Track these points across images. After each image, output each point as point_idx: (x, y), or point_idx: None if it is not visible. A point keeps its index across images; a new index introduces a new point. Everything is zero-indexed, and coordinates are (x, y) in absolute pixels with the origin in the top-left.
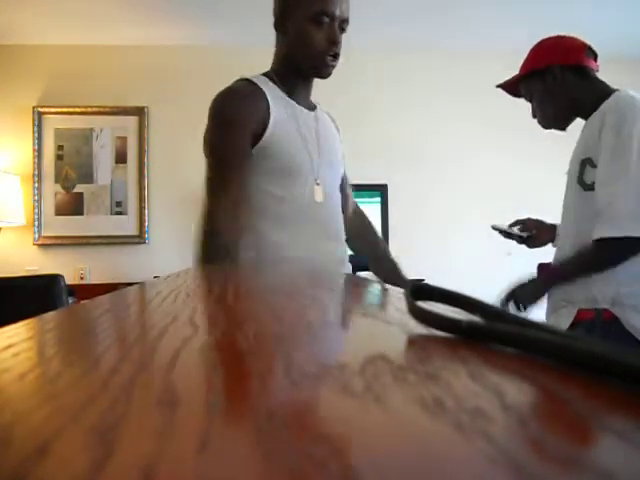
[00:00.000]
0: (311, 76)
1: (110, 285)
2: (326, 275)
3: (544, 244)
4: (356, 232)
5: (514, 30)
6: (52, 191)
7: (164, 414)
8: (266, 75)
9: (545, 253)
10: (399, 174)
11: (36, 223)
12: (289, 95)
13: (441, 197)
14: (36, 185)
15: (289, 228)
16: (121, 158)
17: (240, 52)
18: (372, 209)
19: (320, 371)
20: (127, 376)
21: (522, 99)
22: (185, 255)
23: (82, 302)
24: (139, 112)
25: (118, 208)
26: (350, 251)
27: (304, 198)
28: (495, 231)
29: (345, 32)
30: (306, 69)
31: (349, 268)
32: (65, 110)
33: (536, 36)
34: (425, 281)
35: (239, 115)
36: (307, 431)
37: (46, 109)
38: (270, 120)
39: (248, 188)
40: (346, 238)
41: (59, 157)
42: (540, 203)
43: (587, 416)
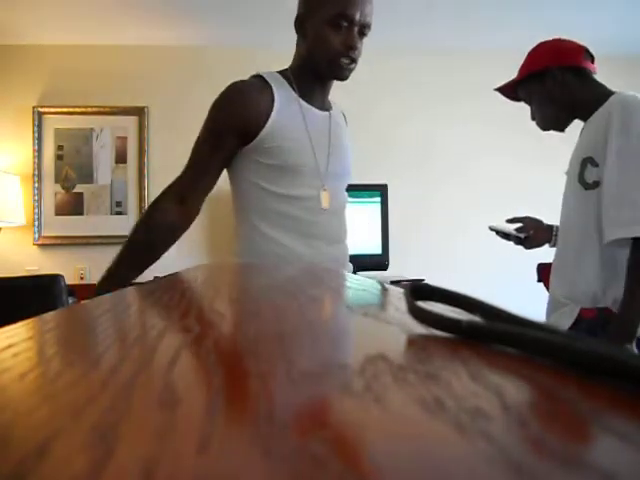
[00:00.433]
0: (328, 78)
1: None
2: (326, 275)
3: (541, 245)
4: None
5: (516, 31)
6: (52, 191)
7: (164, 414)
8: (282, 73)
9: (545, 253)
10: (399, 174)
11: (36, 223)
12: (302, 95)
13: (441, 197)
14: (36, 185)
15: (288, 226)
16: (121, 158)
17: (240, 52)
18: (372, 209)
19: (320, 371)
20: (127, 376)
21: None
22: (185, 255)
23: (82, 302)
24: (139, 112)
25: (118, 208)
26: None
27: (309, 201)
28: (492, 232)
29: (366, 36)
30: (322, 71)
31: (350, 268)
32: (65, 110)
33: (539, 37)
34: (425, 281)
35: (229, 113)
36: (307, 431)
37: (46, 109)
38: (271, 116)
39: (209, 184)
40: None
41: (59, 157)
42: (541, 203)
43: (587, 416)
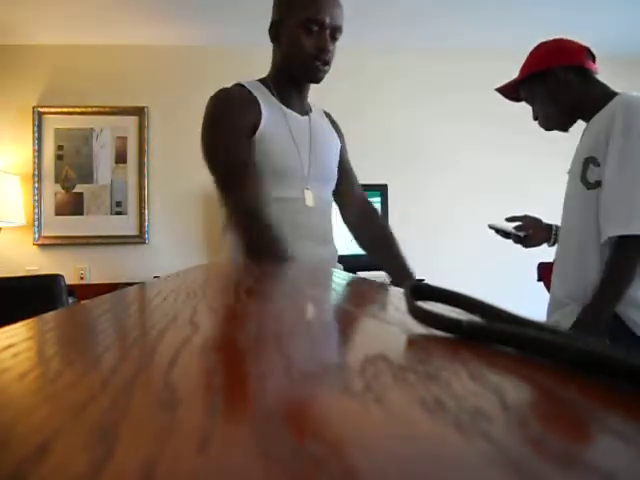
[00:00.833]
0: (303, 82)
1: (110, 285)
2: (326, 274)
3: (540, 244)
4: (360, 230)
5: (513, 29)
6: (52, 191)
7: (164, 414)
8: (261, 81)
9: (546, 252)
10: (399, 174)
11: (36, 223)
12: (282, 101)
13: (441, 197)
14: (36, 185)
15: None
16: (121, 158)
17: (240, 52)
18: None
19: (320, 371)
20: (127, 376)
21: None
22: (185, 255)
23: (82, 302)
24: (139, 112)
25: (118, 208)
26: (344, 251)
27: (294, 201)
28: (492, 230)
29: (337, 39)
30: (297, 75)
31: (339, 269)
32: (65, 110)
33: (536, 35)
34: (425, 281)
35: (232, 114)
36: (307, 431)
37: (46, 109)
38: (261, 122)
39: (260, 180)
40: (353, 235)
41: (59, 157)
42: (541, 203)
43: (587, 416)
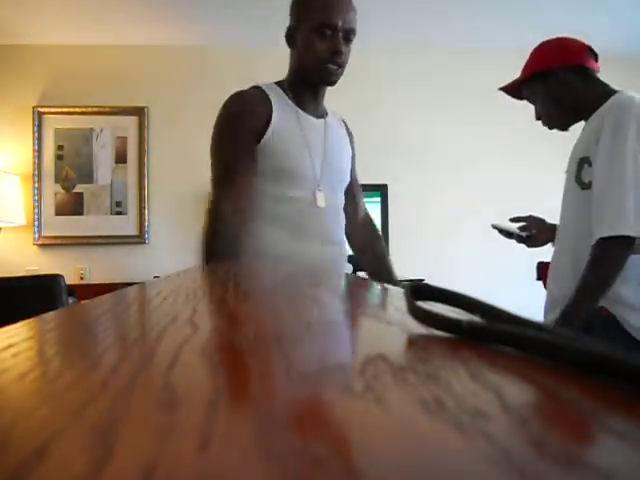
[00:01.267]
0: (318, 85)
1: (110, 285)
2: (326, 274)
3: (544, 244)
4: (362, 246)
5: (518, 31)
6: (52, 191)
7: (164, 414)
8: (278, 83)
9: (546, 252)
10: (399, 174)
11: (36, 223)
12: (297, 103)
13: (441, 197)
14: (36, 185)
15: (286, 228)
16: (121, 158)
17: (240, 53)
18: (372, 209)
19: (320, 371)
20: (127, 376)
21: (523, 101)
22: (185, 255)
23: (82, 302)
24: (139, 112)
25: (118, 208)
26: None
27: (305, 202)
28: (495, 230)
29: (351, 42)
30: (312, 79)
31: (349, 268)
32: (65, 110)
33: (540, 37)
34: (425, 281)
35: (242, 116)
36: (307, 431)
37: (46, 109)
38: (271, 122)
39: (251, 186)
40: (353, 248)
41: (59, 157)
42: (540, 203)
43: (587, 416)
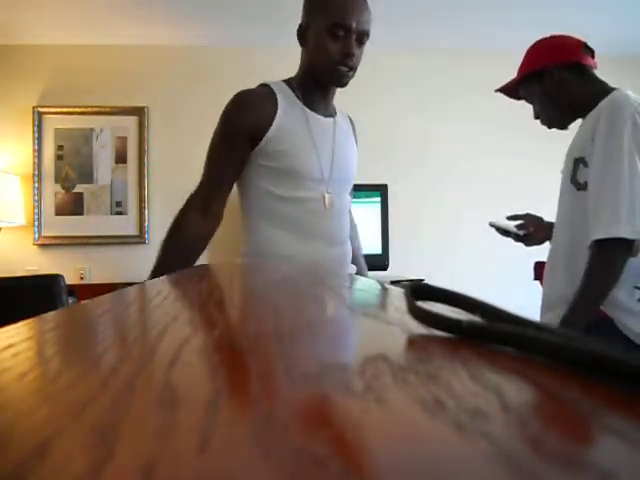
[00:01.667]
0: (328, 85)
1: (110, 285)
2: (326, 274)
3: (541, 242)
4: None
5: (516, 31)
6: (52, 191)
7: (164, 414)
8: (287, 82)
9: (546, 251)
10: (399, 174)
11: (36, 223)
12: (306, 102)
13: (441, 197)
14: (36, 185)
15: (291, 229)
16: (121, 158)
17: (240, 53)
18: (372, 209)
19: (320, 371)
20: (127, 376)
21: (523, 101)
22: None
23: (82, 302)
24: (139, 112)
25: (118, 208)
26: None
27: (312, 203)
28: (492, 228)
29: (364, 44)
30: (322, 79)
31: (352, 269)
32: (65, 110)
33: (537, 37)
34: (425, 281)
35: (239, 116)
36: (307, 431)
37: (46, 109)
38: (274, 122)
39: (231, 181)
40: None
41: (59, 157)
42: (540, 203)
43: (587, 416)
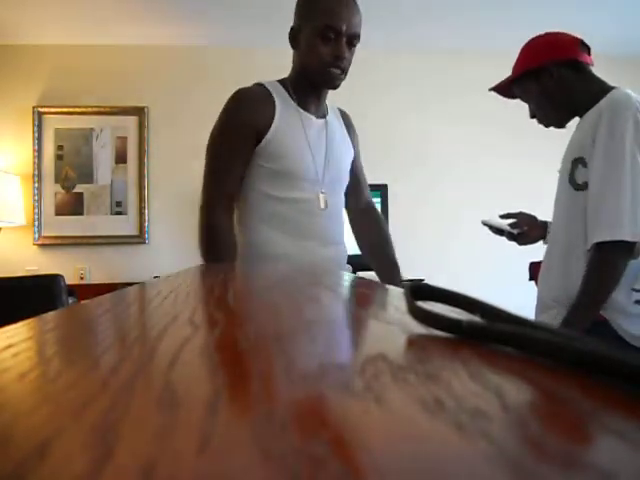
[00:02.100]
0: (320, 87)
1: (110, 285)
2: (325, 274)
3: (535, 241)
4: (360, 233)
5: (518, 31)
6: (52, 191)
7: (164, 414)
8: (281, 82)
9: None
10: (399, 174)
11: (36, 223)
12: (299, 103)
13: (441, 197)
14: (36, 185)
15: (286, 230)
16: (121, 158)
17: (240, 53)
18: None
19: (320, 371)
20: (127, 376)
21: (516, 100)
22: (185, 255)
23: (82, 302)
24: (139, 112)
25: (118, 208)
26: (353, 251)
27: (307, 203)
28: (485, 227)
29: (355, 46)
30: (315, 81)
31: (348, 269)
32: (65, 110)
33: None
34: (425, 281)
35: (242, 116)
36: (307, 431)
37: (46, 109)
38: (273, 123)
39: (240, 187)
40: (355, 237)
41: (59, 157)
42: (540, 203)
43: (587, 416)
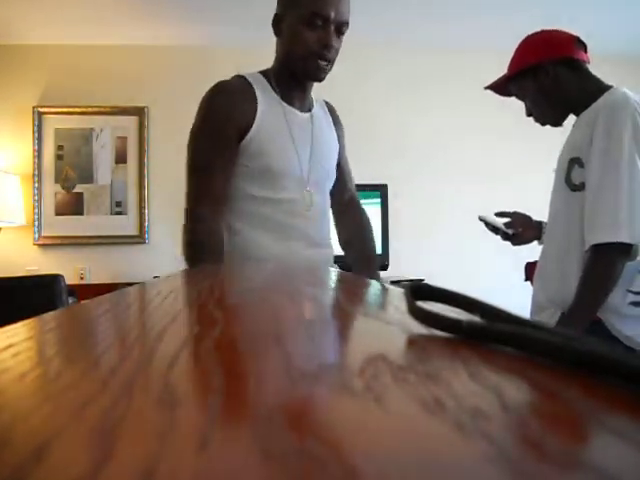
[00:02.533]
0: (304, 79)
1: (110, 285)
2: (323, 275)
3: (529, 242)
4: (341, 226)
5: (518, 31)
6: (52, 191)
7: (164, 414)
8: (263, 73)
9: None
10: (399, 174)
11: (36, 223)
12: (282, 96)
13: (441, 197)
14: (36, 185)
15: (271, 230)
16: (121, 158)
17: (240, 53)
18: (372, 209)
19: (320, 371)
20: (127, 376)
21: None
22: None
23: (82, 302)
24: (139, 112)
25: (118, 208)
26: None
27: (291, 203)
28: (482, 223)
29: (343, 35)
30: (299, 72)
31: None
32: (65, 110)
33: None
34: (425, 281)
35: (224, 112)
36: (307, 431)
37: (46, 109)
38: (255, 121)
39: (227, 185)
40: (337, 232)
41: (59, 157)
42: (541, 203)
43: (587, 416)
